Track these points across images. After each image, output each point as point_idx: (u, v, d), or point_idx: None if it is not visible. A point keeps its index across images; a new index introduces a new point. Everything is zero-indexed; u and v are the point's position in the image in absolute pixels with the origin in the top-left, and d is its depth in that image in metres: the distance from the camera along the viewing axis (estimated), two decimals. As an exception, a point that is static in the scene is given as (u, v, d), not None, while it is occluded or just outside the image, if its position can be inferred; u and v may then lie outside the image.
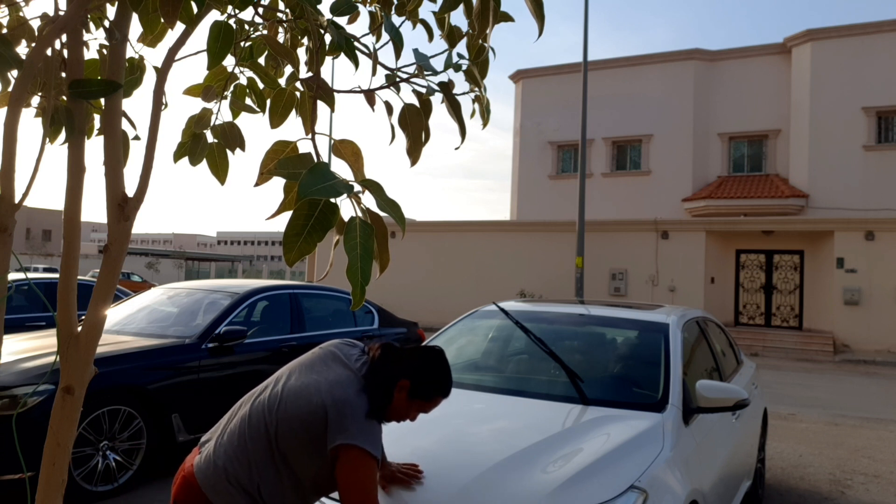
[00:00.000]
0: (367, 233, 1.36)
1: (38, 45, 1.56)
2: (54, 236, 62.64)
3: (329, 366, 2.14)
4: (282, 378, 2.18)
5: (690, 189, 25.19)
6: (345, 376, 2.09)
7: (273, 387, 2.16)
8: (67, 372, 1.60)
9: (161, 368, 5.10)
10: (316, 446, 2.01)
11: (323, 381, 2.07)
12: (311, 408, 2.01)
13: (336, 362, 2.16)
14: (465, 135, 1.84)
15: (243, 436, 2.08)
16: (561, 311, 4.29)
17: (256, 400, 2.15)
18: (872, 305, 17.38)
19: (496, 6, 1.76)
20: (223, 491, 2.06)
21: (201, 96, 1.90)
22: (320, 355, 2.22)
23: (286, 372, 2.21)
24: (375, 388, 2.08)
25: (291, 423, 2.03)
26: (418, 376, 2.14)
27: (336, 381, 2.06)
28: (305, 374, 2.13)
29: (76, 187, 1.61)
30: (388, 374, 2.12)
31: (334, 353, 2.21)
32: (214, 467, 2.09)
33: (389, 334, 7.49)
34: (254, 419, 2.09)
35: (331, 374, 2.10)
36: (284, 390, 2.10)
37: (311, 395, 2.03)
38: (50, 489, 1.59)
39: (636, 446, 2.79)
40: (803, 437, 7.63)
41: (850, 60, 22.74)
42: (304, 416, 2.01)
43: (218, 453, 2.11)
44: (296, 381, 2.11)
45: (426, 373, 2.17)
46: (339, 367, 2.13)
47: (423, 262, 21.77)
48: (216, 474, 2.08)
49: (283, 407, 2.05)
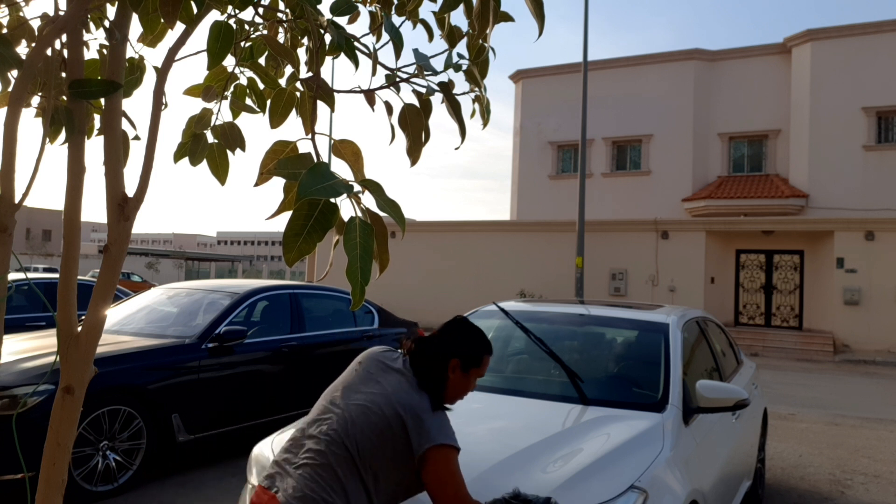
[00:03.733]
0: (366, 233, 1.36)
1: (38, 45, 1.56)
2: (54, 236, 62.65)
3: (383, 375, 2.15)
4: (338, 399, 2.13)
5: (690, 189, 25.20)
6: (402, 381, 2.11)
7: (334, 410, 2.11)
8: (67, 372, 1.60)
9: (161, 368, 5.10)
10: (402, 457, 2.03)
11: (386, 392, 2.08)
12: (386, 421, 2.02)
13: (387, 370, 2.16)
14: (464, 135, 1.84)
15: (329, 465, 1.99)
16: (561, 311, 4.29)
17: (324, 428, 2.07)
18: (872, 305, 17.38)
19: (496, 6, 1.76)
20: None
21: (201, 96, 1.90)
22: (368, 367, 2.21)
23: (339, 392, 2.16)
24: (430, 381, 2.12)
25: (372, 442, 2.01)
26: (463, 349, 2.17)
27: (398, 388, 2.09)
28: (364, 388, 2.12)
29: (76, 187, 1.61)
30: (435, 361, 2.14)
31: (379, 361, 2.21)
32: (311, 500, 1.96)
33: (389, 334, 7.49)
34: (334, 446, 2.02)
35: (389, 383, 2.11)
36: (350, 409, 2.07)
37: (381, 408, 2.04)
38: (50, 489, 1.59)
39: (636, 446, 2.79)
40: (803, 437, 7.63)
41: (850, 60, 22.74)
42: (383, 430, 2.02)
43: (306, 487, 1.97)
44: (358, 397, 2.10)
45: (467, 342, 2.19)
46: (391, 374, 2.14)
47: (423, 262, 21.77)
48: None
49: (358, 427, 2.03)
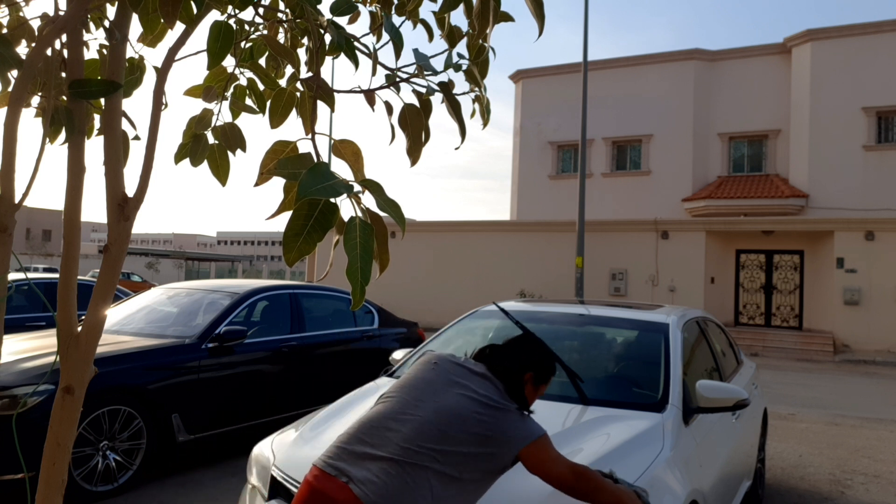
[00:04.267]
0: (366, 233, 1.36)
1: (38, 45, 1.56)
2: (54, 236, 62.65)
3: (468, 378, 2.13)
4: (422, 396, 2.09)
5: (690, 189, 25.20)
6: (489, 386, 2.12)
7: (421, 406, 2.06)
8: (67, 372, 1.60)
9: (161, 368, 5.10)
10: (495, 459, 2.03)
11: (475, 394, 2.07)
12: (483, 422, 2.01)
13: (470, 374, 2.15)
14: (464, 135, 1.84)
15: (418, 466, 1.93)
16: (561, 311, 4.29)
17: (413, 425, 2.00)
18: (872, 305, 17.38)
19: (496, 6, 1.76)
20: None
21: (202, 97, 1.90)
22: (446, 368, 2.18)
23: (421, 390, 2.11)
24: (512, 387, 2.16)
25: (467, 443, 1.99)
26: (537, 366, 2.26)
27: (486, 391, 2.09)
28: (451, 389, 2.09)
29: (76, 187, 1.61)
30: (515, 371, 2.20)
31: (458, 364, 2.20)
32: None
33: (389, 334, 7.50)
34: (425, 444, 1.96)
35: (478, 386, 2.10)
36: (441, 409, 2.03)
37: (475, 410, 2.03)
38: (50, 489, 1.59)
39: (636, 446, 2.79)
40: (803, 437, 7.63)
41: (850, 60, 22.74)
42: (479, 432, 2.00)
43: (395, 487, 1.89)
44: (448, 398, 2.06)
45: (541, 360, 2.29)
46: (476, 378, 2.14)
47: (423, 262, 21.77)
48: None
49: (453, 427, 2.00)
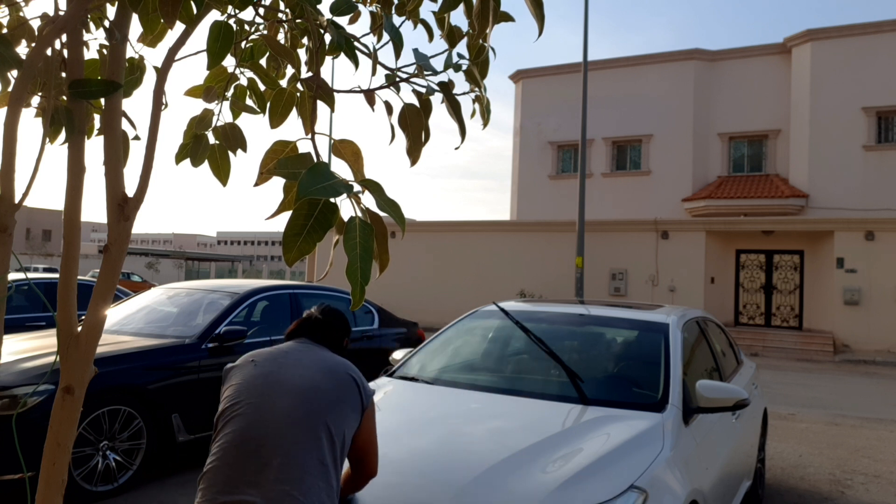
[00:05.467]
0: (366, 233, 1.36)
1: (38, 45, 1.56)
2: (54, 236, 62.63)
3: (311, 349, 2.32)
4: (275, 383, 2.13)
5: (690, 189, 25.19)
6: (326, 351, 2.35)
7: (273, 396, 2.09)
8: (67, 372, 1.60)
9: (161, 368, 5.10)
10: (356, 415, 2.19)
11: (329, 360, 2.27)
12: (346, 382, 2.19)
13: (310, 345, 2.35)
14: (464, 135, 1.84)
15: (307, 451, 1.98)
16: (561, 311, 4.29)
17: (275, 417, 2.04)
18: (872, 305, 17.38)
19: (496, 6, 1.76)
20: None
21: (202, 97, 1.90)
22: (289, 347, 2.35)
23: (273, 372, 2.17)
24: (340, 352, 2.43)
25: (341, 407, 2.14)
26: (348, 330, 2.53)
27: (331, 355, 2.31)
28: (305, 362, 2.23)
29: (76, 187, 1.61)
30: (338, 338, 2.46)
31: (296, 342, 2.39)
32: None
33: (389, 334, 7.49)
34: (301, 431, 2.01)
35: (322, 353, 2.31)
36: (305, 383, 2.13)
37: (335, 373, 2.21)
38: (50, 489, 1.59)
39: (636, 446, 2.79)
40: (803, 437, 7.63)
41: (850, 60, 22.74)
42: (345, 391, 2.18)
43: (284, 489, 1.91)
44: (305, 371, 2.18)
45: (347, 325, 2.54)
46: (316, 347, 2.35)
47: (423, 262, 21.76)
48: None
49: (324, 397, 2.11)
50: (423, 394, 3.51)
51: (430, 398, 3.44)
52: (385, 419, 3.01)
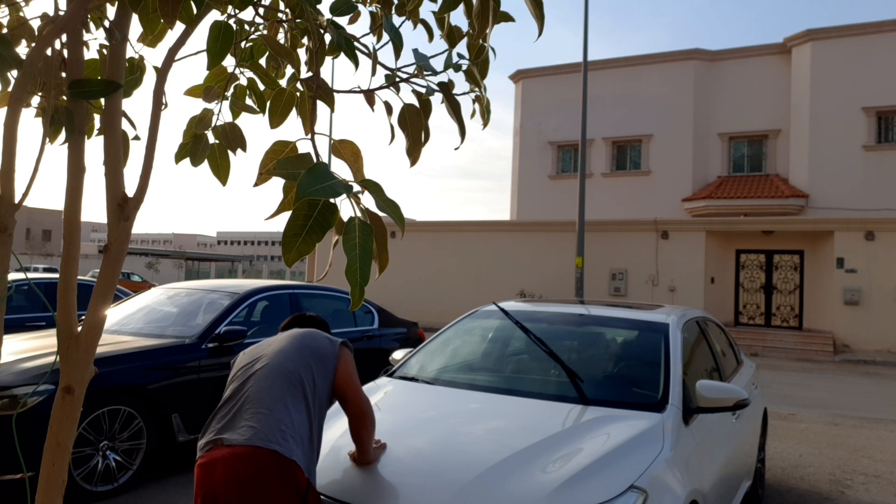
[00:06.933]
0: (366, 233, 1.36)
1: (38, 45, 1.56)
2: (54, 236, 62.63)
3: (295, 330, 2.75)
4: (256, 359, 2.58)
5: (690, 189, 25.20)
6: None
7: (268, 359, 2.54)
8: (67, 372, 1.60)
9: (161, 368, 5.10)
10: (326, 363, 2.57)
11: (306, 330, 2.72)
12: (312, 339, 2.62)
13: (296, 329, 2.78)
14: (464, 135, 1.84)
15: (272, 396, 2.39)
16: (561, 311, 4.29)
17: (268, 369, 2.49)
18: (872, 305, 17.38)
19: (496, 6, 1.76)
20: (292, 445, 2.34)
21: (202, 97, 1.90)
22: (276, 336, 2.75)
23: (254, 351, 2.63)
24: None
25: (306, 359, 2.53)
26: (327, 328, 2.97)
27: (311, 329, 2.78)
28: (285, 339, 2.65)
29: (76, 187, 1.61)
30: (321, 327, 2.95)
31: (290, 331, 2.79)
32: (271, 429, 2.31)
33: (389, 334, 7.49)
34: (286, 379, 2.44)
35: (309, 329, 2.77)
36: (277, 350, 2.57)
37: (306, 336, 2.63)
38: (50, 489, 1.59)
39: (636, 446, 2.79)
40: (803, 437, 7.63)
41: (850, 60, 22.74)
42: (311, 347, 2.58)
43: (262, 422, 2.33)
44: (281, 344, 2.61)
45: (326, 325, 3.03)
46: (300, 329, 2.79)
47: (423, 262, 21.76)
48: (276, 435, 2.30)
49: (291, 355, 2.52)
50: (422, 394, 3.51)
51: (429, 398, 3.44)
52: (385, 419, 3.01)
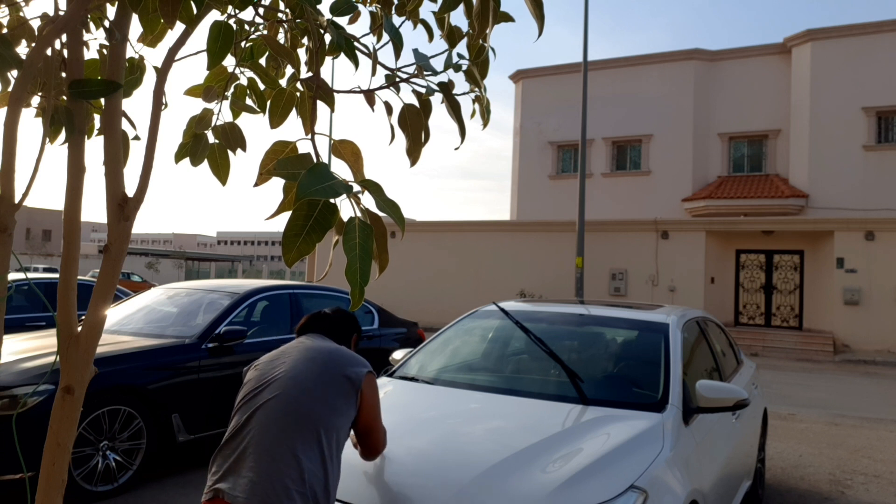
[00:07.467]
0: (366, 233, 1.36)
1: (38, 45, 1.56)
2: (54, 236, 62.63)
3: (313, 343, 2.49)
4: (284, 378, 2.31)
5: (690, 189, 25.19)
6: (329, 343, 2.53)
7: (280, 387, 2.27)
8: (67, 372, 1.60)
9: (161, 368, 5.10)
10: (348, 405, 2.31)
11: (326, 354, 2.41)
12: (334, 379, 2.31)
13: (314, 338, 2.55)
14: (464, 135, 1.84)
15: (280, 443, 2.13)
16: (561, 311, 4.29)
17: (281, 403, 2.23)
18: (872, 305, 17.37)
19: (496, 6, 1.76)
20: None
21: (202, 97, 1.90)
22: (288, 347, 2.51)
23: (265, 374, 2.36)
24: (346, 345, 2.65)
25: (323, 404, 2.25)
26: (355, 328, 2.75)
27: (331, 348, 2.46)
28: (300, 362, 2.37)
29: (76, 187, 1.61)
30: (344, 333, 2.67)
31: (303, 338, 2.57)
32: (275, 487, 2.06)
33: (389, 334, 7.49)
34: (299, 422, 2.18)
35: (322, 346, 2.47)
36: (291, 383, 2.28)
37: (327, 370, 2.33)
38: (50, 489, 1.59)
39: (636, 446, 2.79)
40: (803, 437, 7.63)
41: (850, 60, 22.73)
42: (332, 388, 2.29)
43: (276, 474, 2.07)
44: (296, 371, 2.33)
45: (355, 323, 2.77)
46: (319, 339, 2.54)
47: (423, 262, 21.76)
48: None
49: (306, 396, 2.24)
50: (422, 394, 3.51)
51: (429, 398, 3.44)
52: (385, 419, 3.01)
